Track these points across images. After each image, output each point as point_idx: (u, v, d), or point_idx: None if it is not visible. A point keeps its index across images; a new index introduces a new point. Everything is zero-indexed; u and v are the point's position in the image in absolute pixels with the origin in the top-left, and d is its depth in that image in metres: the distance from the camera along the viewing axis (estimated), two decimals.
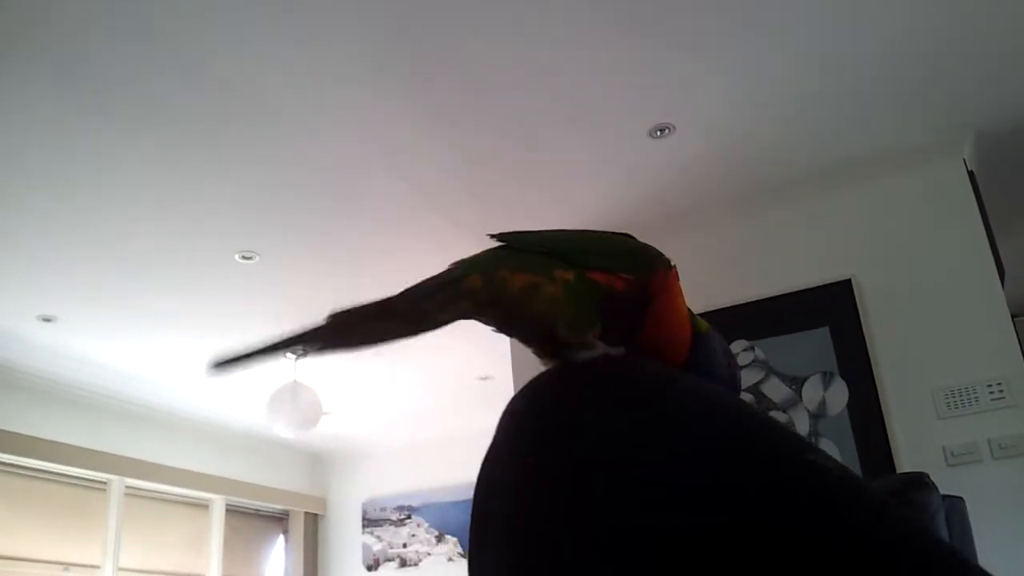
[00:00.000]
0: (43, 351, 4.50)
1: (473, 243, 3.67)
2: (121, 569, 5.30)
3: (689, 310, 0.71)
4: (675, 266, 0.70)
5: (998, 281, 3.02)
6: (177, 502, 5.91)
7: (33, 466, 4.92)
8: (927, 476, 1.85)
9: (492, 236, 0.70)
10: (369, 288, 3.99)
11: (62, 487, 5.14)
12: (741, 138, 3.11)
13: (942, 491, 1.93)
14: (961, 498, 1.93)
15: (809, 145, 3.18)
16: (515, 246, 0.69)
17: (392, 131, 2.94)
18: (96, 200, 3.17)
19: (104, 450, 5.22)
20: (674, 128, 3.01)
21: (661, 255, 0.70)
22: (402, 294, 0.69)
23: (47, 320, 4.11)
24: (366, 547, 6.75)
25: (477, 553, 0.55)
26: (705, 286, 3.46)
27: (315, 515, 6.97)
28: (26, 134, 2.77)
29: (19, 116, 2.68)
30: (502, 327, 0.68)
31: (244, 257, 3.67)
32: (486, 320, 0.67)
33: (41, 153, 2.88)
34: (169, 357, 4.73)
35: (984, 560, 1.82)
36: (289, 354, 0.66)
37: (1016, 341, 2.95)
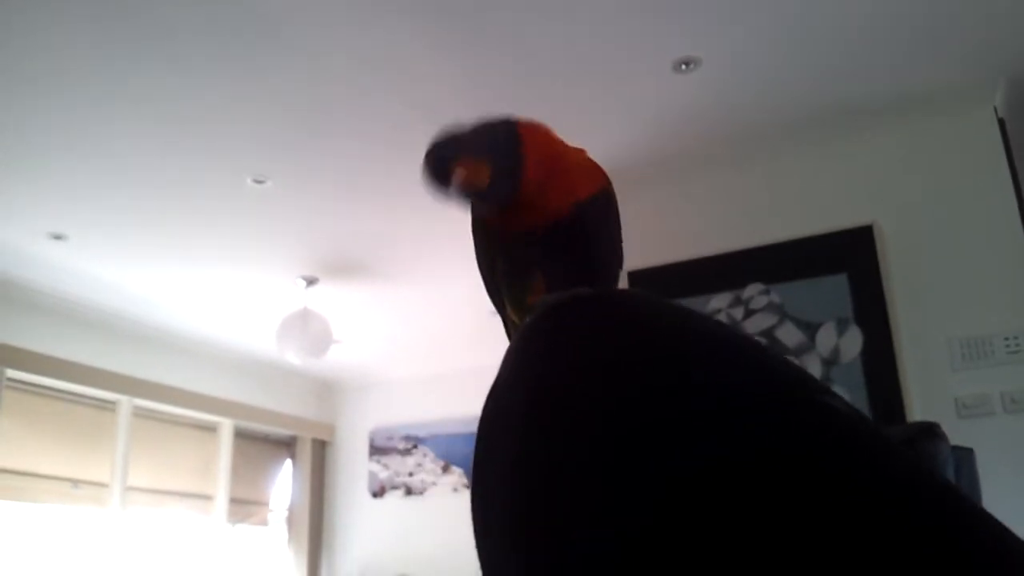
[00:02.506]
0: (54, 269, 4.50)
1: None
2: (129, 488, 5.38)
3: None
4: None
5: (1022, 233, 2.96)
6: (186, 424, 5.98)
7: (43, 384, 4.96)
8: (938, 426, 1.82)
9: None
10: (380, 213, 3.97)
11: (72, 405, 5.19)
12: (767, 75, 3.02)
13: (952, 443, 1.91)
14: (971, 449, 1.91)
15: (837, 85, 3.09)
16: None
17: (407, 59, 2.88)
18: (107, 118, 3.13)
19: (114, 370, 5.26)
20: (700, 62, 2.93)
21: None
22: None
23: (58, 238, 4.10)
24: (372, 475, 6.84)
25: (480, 478, 0.55)
26: (723, 227, 3.41)
27: (323, 441, 7.05)
28: (36, 51, 2.72)
29: (26, 36, 2.63)
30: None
31: (256, 181, 3.63)
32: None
33: (50, 71, 2.83)
34: (180, 279, 4.73)
35: (991, 513, 1.81)
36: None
37: None
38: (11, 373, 4.74)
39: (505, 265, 0.74)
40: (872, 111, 3.22)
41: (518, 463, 0.51)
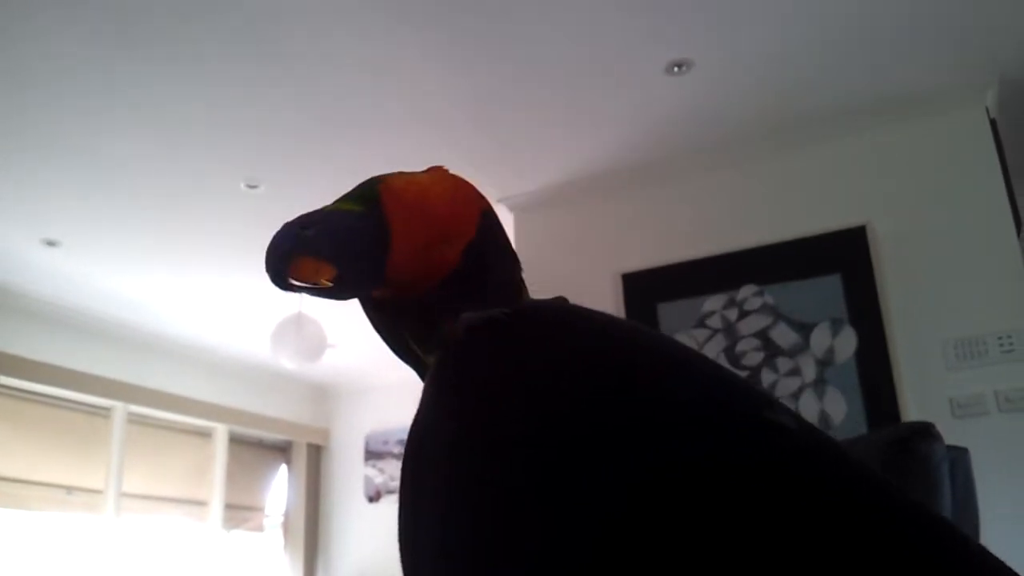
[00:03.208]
0: (47, 275, 4.48)
1: (485, 180, 3.62)
2: (124, 494, 5.36)
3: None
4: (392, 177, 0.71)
5: (1015, 232, 2.97)
6: (180, 430, 5.96)
7: (38, 390, 4.94)
8: (933, 426, 1.82)
9: None
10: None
11: (66, 412, 5.17)
12: (760, 77, 3.03)
13: (947, 442, 1.91)
14: (966, 449, 1.91)
15: (829, 87, 3.10)
16: None
17: (403, 64, 2.88)
18: (102, 125, 3.12)
19: (108, 376, 5.24)
20: (692, 64, 2.93)
21: (373, 184, 0.71)
22: None
23: (51, 244, 4.09)
24: (368, 479, 6.82)
25: (408, 521, 0.53)
26: (717, 228, 3.41)
27: (318, 446, 7.03)
28: (33, 57, 2.71)
29: (21, 42, 2.62)
30: None
31: (249, 186, 3.63)
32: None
33: (48, 76, 2.82)
34: (173, 284, 4.72)
35: (986, 513, 1.81)
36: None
37: None
38: (4, 379, 4.72)
39: (411, 325, 0.70)
40: (865, 112, 3.23)
41: (449, 496, 0.48)
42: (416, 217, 0.66)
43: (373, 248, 0.64)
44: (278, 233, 0.66)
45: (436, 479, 0.50)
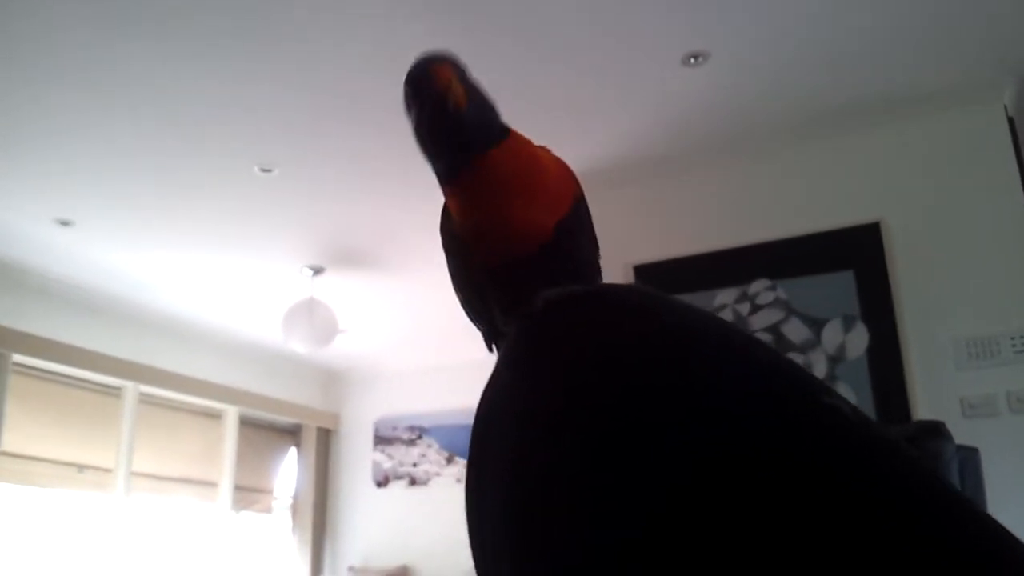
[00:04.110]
0: (60, 255, 4.51)
1: None
2: (134, 473, 5.40)
3: None
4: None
5: None
6: (191, 411, 5.99)
7: (50, 369, 4.98)
8: (943, 425, 1.81)
9: None
10: (388, 203, 3.96)
11: (77, 391, 5.21)
12: (776, 70, 3.01)
13: (957, 442, 1.90)
14: (976, 449, 1.90)
15: (846, 80, 3.07)
16: None
17: (415, 48, 2.85)
18: (113, 106, 3.12)
19: (119, 356, 5.27)
20: (709, 56, 2.91)
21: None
22: None
23: (64, 224, 4.11)
24: (376, 464, 6.85)
25: (475, 480, 0.55)
26: (730, 222, 3.40)
27: (327, 430, 7.07)
28: (49, 44, 2.72)
29: (31, 22, 2.62)
30: None
31: (263, 170, 3.63)
32: None
33: (63, 61, 2.83)
34: (186, 266, 4.74)
35: (994, 514, 1.80)
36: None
37: None
38: (17, 358, 4.75)
39: (498, 290, 0.71)
40: (881, 108, 3.20)
41: (515, 465, 0.50)
42: (523, 163, 0.70)
43: (498, 131, 0.69)
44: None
45: (502, 448, 0.52)
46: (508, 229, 0.68)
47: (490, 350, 0.76)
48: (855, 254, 3.13)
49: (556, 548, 0.45)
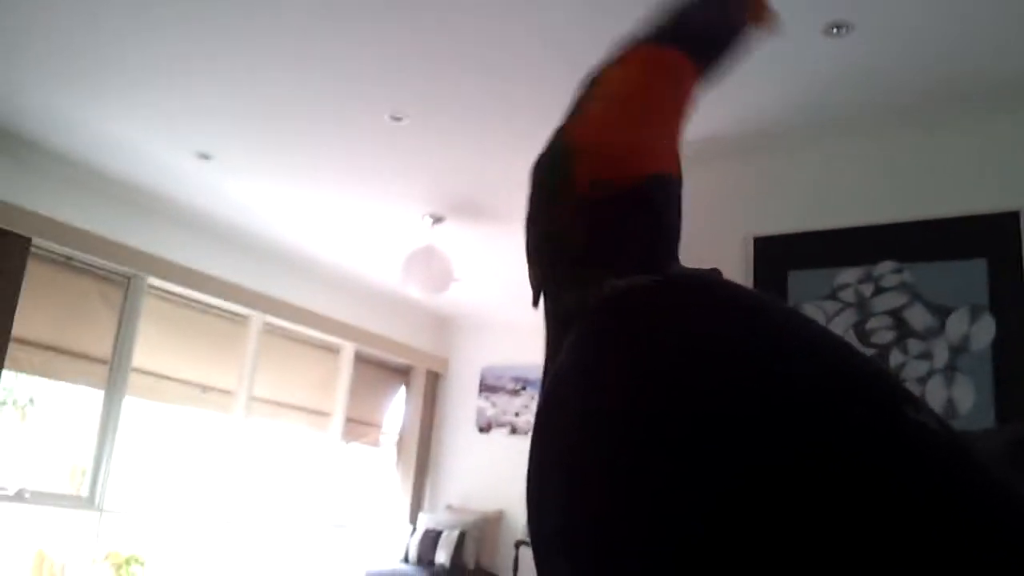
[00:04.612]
0: (198, 187, 4.74)
1: None
2: (253, 398, 5.69)
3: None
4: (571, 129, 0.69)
5: None
6: (310, 343, 6.25)
7: (182, 293, 5.27)
8: None
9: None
10: (510, 155, 4.00)
11: (206, 316, 5.50)
12: (922, 44, 2.88)
13: None
14: None
15: (997, 58, 2.91)
16: None
17: (546, 1, 2.87)
18: (258, 50, 3.25)
19: (247, 286, 5.53)
20: (852, 27, 2.81)
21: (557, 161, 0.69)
22: None
23: (204, 157, 4.31)
24: (480, 410, 7.01)
25: (538, 468, 0.54)
26: (858, 199, 3.29)
27: (436, 373, 7.26)
28: None
29: None
30: None
31: (394, 118, 3.72)
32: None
33: (219, 11, 2.95)
34: (314, 206, 4.91)
35: None
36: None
37: None
38: (153, 281, 5.05)
39: (581, 238, 0.66)
40: None
41: (576, 458, 0.49)
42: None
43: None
44: None
45: (565, 440, 0.51)
46: (657, 142, 0.66)
47: (535, 305, 0.73)
48: (990, 242, 3.00)
49: (617, 544, 0.44)
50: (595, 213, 0.64)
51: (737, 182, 3.57)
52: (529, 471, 0.55)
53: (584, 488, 0.48)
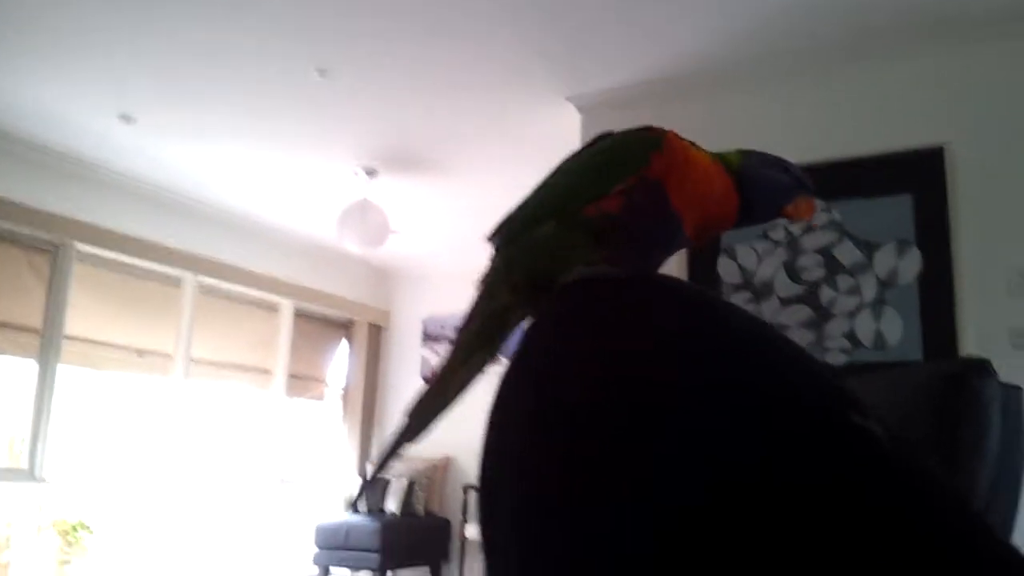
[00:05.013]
0: (123, 149, 4.60)
1: (553, 77, 3.57)
2: (192, 360, 5.61)
3: (715, 154, 0.70)
4: (668, 133, 0.68)
5: None
6: (248, 302, 6.16)
7: (113, 258, 5.14)
8: (989, 363, 1.82)
9: (489, 241, 0.71)
10: (443, 106, 3.95)
11: (139, 280, 5.38)
12: None
13: (1003, 373, 1.91)
14: (1020, 388, 1.91)
15: None
16: (508, 239, 0.69)
17: None
18: (179, 8, 3.13)
19: (179, 248, 5.42)
20: None
21: (646, 139, 0.67)
22: (454, 354, 0.69)
23: (126, 119, 4.18)
24: (424, 360, 7.02)
25: (490, 471, 0.53)
26: (787, 140, 3.33)
27: (378, 326, 7.23)
28: None
29: None
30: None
31: (320, 71, 3.64)
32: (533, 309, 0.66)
33: None
34: (245, 163, 4.81)
35: None
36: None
37: None
38: (81, 247, 4.91)
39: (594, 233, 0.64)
40: (954, 27, 3.08)
41: (528, 458, 0.49)
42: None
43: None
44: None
45: (518, 437, 0.51)
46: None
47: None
48: (915, 178, 3.08)
49: (562, 546, 0.44)
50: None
51: (671, 126, 3.57)
52: (485, 453, 0.54)
53: (539, 481, 0.47)
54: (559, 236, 0.64)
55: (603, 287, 0.55)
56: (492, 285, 0.68)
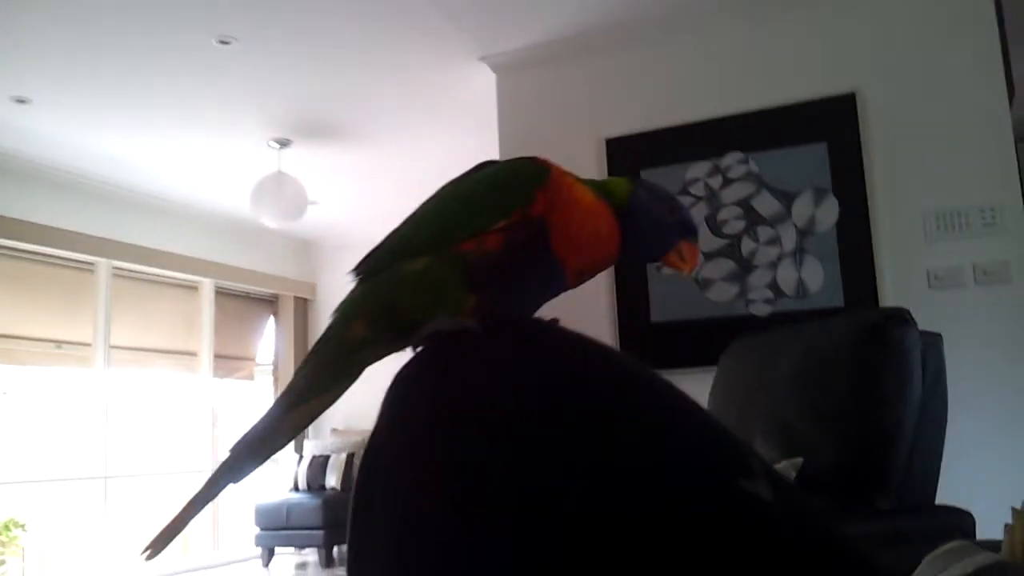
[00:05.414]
0: (20, 133, 4.38)
1: (467, 36, 3.48)
2: (113, 347, 5.44)
3: (600, 185, 0.65)
4: (552, 168, 0.62)
5: (1007, 102, 2.91)
6: (166, 284, 5.98)
7: (21, 248, 4.92)
8: (908, 312, 1.84)
9: (352, 272, 0.68)
10: (353, 72, 3.84)
11: (51, 268, 5.17)
12: None
13: (922, 313, 1.93)
14: (939, 335, 1.93)
15: None
16: (373, 270, 0.65)
17: None
18: None
19: (89, 232, 5.21)
20: None
21: (531, 173, 0.62)
22: (296, 385, 0.64)
23: (21, 102, 3.97)
24: None
25: (360, 527, 0.50)
26: (703, 93, 3.32)
27: (304, 299, 7.11)
28: None
29: None
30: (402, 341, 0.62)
31: (222, 42, 3.49)
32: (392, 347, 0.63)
33: None
34: (151, 141, 4.62)
35: (958, 389, 1.85)
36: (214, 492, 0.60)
37: (1016, 167, 2.88)
38: None
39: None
40: None
41: (400, 519, 0.46)
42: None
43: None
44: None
45: (389, 498, 0.48)
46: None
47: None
48: (829, 126, 3.09)
49: None
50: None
51: (588, 83, 3.53)
52: (352, 519, 0.50)
53: (411, 551, 0.44)
54: (430, 274, 0.59)
55: (468, 349, 0.51)
56: (346, 318, 0.64)
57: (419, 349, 0.56)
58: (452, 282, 0.58)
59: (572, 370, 0.47)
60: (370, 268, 0.65)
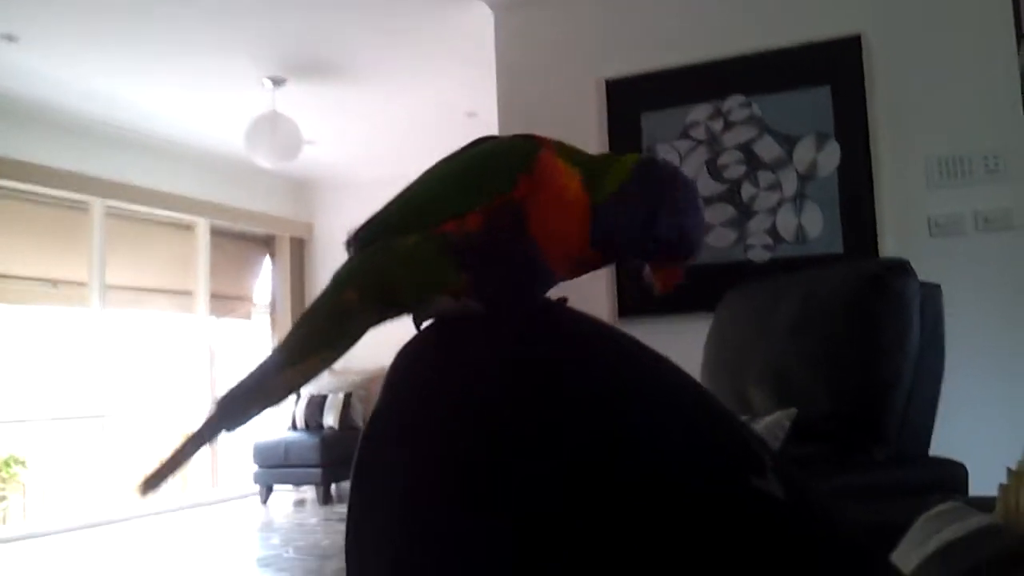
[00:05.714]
0: (10, 71, 4.30)
1: None
2: (108, 286, 5.42)
3: (596, 170, 0.57)
4: (543, 150, 0.57)
5: (1015, 48, 2.85)
6: (161, 223, 5.95)
7: (14, 187, 4.88)
8: (908, 264, 1.83)
9: (346, 243, 0.65)
10: (349, 8, 3.76)
11: (45, 207, 5.13)
12: None
13: (922, 262, 1.92)
14: (938, 286, 1.92)
15: None
16: (367, 240, 0.63)
17: None
18: None
19: (82, 172, 5.15)
20: None
21: (520, 155, 0.57)
22: (289, 344, 0.61)
23: (10, 39, 3.89)
24: None
25: (360, 513, 0.49)
26: (704, 34, 3.25)
27: (300, 239, 7.08)
28: None
29: None
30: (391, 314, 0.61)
31: None
32: (385, 317, 0.61)
33: None
34: (145, 80, 4.55)
35: (955, 338, 1.85)
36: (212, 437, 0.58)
37: (1021, 113, 2.83)
38: None
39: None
40: None
41: (401, 503, 0.45)
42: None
43: None
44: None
45: (391, 480, 0.47)
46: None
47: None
48: (833, 69, 3.03)
49: None
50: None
51: (588, 23, 3.46)
52: (350, 510, 0.50)
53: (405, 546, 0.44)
54: (420, 250, 0.57)
55: (470, 331, 0.51)
56: (339, 285, 0.62)
57: (423, 327, 0.55)
58: (442, 260, 0.56)
59: (579, 358, 0.46)
60: (363, 240, 0.63)
